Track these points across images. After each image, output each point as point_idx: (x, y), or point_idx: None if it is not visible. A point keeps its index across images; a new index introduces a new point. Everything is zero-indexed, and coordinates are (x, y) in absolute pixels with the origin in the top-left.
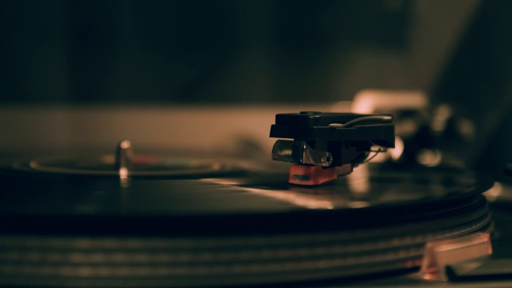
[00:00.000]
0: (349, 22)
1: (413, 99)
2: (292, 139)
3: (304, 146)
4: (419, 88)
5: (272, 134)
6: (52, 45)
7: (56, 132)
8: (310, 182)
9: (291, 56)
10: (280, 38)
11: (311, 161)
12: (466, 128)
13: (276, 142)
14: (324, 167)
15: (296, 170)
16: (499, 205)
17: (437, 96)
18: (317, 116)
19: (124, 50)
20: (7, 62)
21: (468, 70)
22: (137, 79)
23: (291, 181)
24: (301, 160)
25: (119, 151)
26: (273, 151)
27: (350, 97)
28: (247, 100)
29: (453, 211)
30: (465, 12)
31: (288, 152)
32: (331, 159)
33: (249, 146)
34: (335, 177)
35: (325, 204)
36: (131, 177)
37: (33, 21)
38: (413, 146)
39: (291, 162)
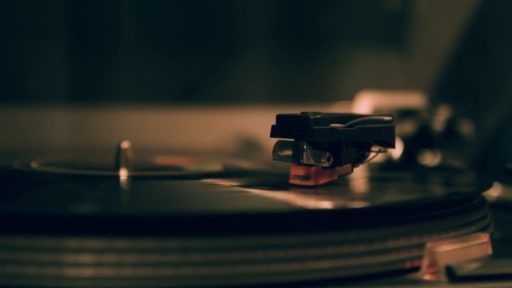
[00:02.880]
0: (349, 22)
1: (413, 99)
2: (293, 140)
3: (305, 147)
4: (419, 88)
5: (272, 135)
6: (52, 45)
7: (56, 132)
8: (311, 183)
9: (291, 56)
10: (280, 38)
11: (312, 162)
12: (466, 128)
13: (277, 142)
14: (324, 168)
15: (296, 171)
16: (499, 205)
17: (437, 96)
18: (318, 116)
19: (124, 50)
20: (7, 62)
21: (468, 70)
22: (137, 79)
23: (292, 181)
24: (301, 161)
25: (119, 151)
26: (273, 151)
27: (350, 97)
28: (247, 100)
29: (453, 211)
30: (465, 12)
31: (289, 152)
32: (332, 160)
33: (249, 146)
34: (335, 177)
35: (325, 204)
36: (131, 177)
37: (33, 21)
38: (413, 146)
39: (292, 162)
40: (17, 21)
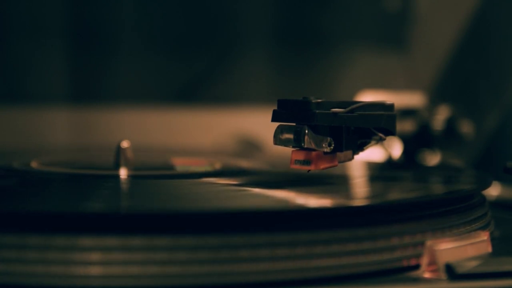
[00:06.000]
0: (349, 22)
1: (413, 99)
2: (294, 124)
3: (306, 131)
4: (419, 88)
5: (274, 119)
6: (52, 45)
7: (56, 132)
8: (311, 167)
9: (291, 56)
10: (280, 38)
11: (313, 146)
12: (466, 127)
13: (278, 126)
14: (325, 153)
15: (297, 155)
16: (499, 204)
17: (437, 96)
18: (319, 100)
19: (124, 50)
20: (7, 62)
21: (468, 70)
22: (137, 79)
23: (292, 166)
24: (302, 144)
25: (119, 151)
26: (274, 136)
27: (350, 97)
28: (247, 100)
29: (453, 210)
30: (465, 12)
31: (290, 136)
32: (333, 145)
33: (249, 146)
34: (336, 163)
35: (325, 202)
36: (131, 177)
37: (33, 21)
38: (413, 145)
39: (293, 146)
40: (17, 21)
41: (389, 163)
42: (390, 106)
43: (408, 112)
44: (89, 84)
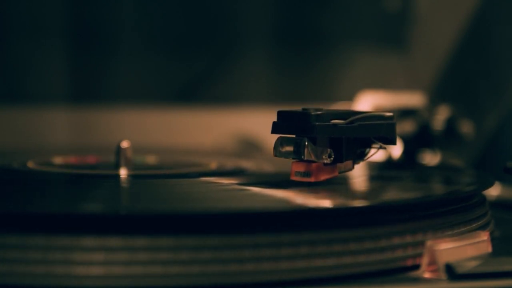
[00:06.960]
0: (349, 22)
1: (413, 99)
2: (294, 136)
3: (306, 143)
4: (419, 88)
5: (273, 131)
6: (52, 45)
7: (56, 132)
8: (312, 179)
9: (291, 56)
10: (280, 38)
11: (313, 158)
12: (466, 127)
13: (278, 138)
14: (325, 164)
15: (297, 167)
16: (499, 204)
17: (437, 96)
18: (319, 112)
19: (124, 50)
20: (7, 62)
21: (468, 70)
22: (137, 79)
23: (293, 178)
24: (303, 157)
25: (119, 151)
26: (274, 148)
27: (350, 97)
28: (247, 100)
29: (453, 210)
30: (465, 12)
31: (290, 148)
32: (333, 156)
33: (249, 146)
34: (336, 174)
35: (325, 202)
36: (131, 176)
37: (33, 21)
38: (413, 145)
39: (293, 158)
40: (17, 21)
41: (389, 163)
42: (390, 117)
43: (408, 112)
44: (89, 84)
